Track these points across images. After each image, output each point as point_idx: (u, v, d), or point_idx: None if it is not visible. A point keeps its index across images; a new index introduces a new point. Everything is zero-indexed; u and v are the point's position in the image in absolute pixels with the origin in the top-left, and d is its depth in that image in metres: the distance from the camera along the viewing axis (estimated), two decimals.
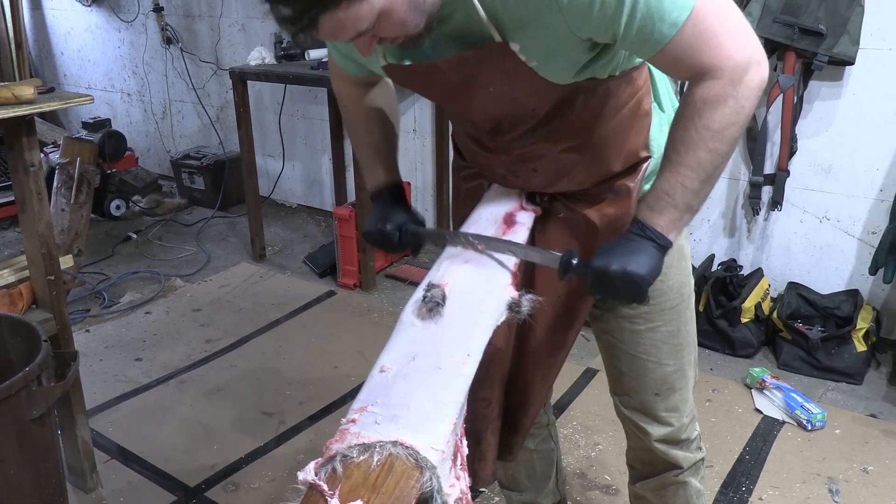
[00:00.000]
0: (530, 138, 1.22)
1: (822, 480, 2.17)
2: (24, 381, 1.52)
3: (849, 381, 2.66)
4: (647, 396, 1.42)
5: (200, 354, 2.95)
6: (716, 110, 1.03)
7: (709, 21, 1.00)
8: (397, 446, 1.04)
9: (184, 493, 2.18)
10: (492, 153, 1.29)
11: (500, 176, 1.34)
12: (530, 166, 1.27)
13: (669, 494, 1.52)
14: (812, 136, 2.80)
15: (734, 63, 1.01)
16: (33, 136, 1.86)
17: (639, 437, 1.48)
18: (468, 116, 1.26)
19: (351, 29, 0.97)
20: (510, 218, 1.32)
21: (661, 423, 1.44)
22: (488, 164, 1.34)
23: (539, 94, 1.14)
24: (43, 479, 1.64)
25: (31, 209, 1.90)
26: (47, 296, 1.99)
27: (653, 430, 1.45)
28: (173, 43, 4.71)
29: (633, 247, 1.09)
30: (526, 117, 1.19)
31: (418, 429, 1.06)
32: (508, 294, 1.22)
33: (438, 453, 1.05)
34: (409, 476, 1.04)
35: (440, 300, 1.16)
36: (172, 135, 5.10)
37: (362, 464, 1.04)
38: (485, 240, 1.26)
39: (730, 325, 2.83)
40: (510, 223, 1.31)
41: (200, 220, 4.42)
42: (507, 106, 1.18)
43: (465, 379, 1.13)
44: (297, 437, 2.42)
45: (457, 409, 1.11)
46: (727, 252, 3.10)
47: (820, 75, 2.68)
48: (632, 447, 1.56)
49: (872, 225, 2.77)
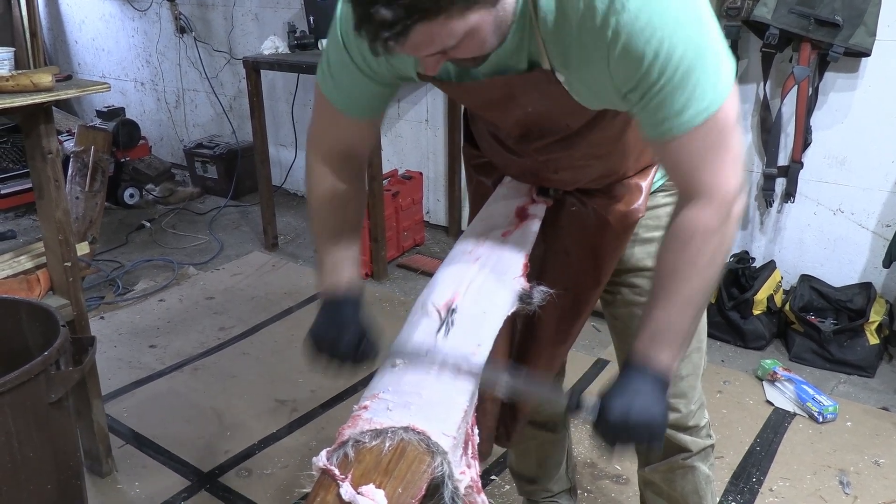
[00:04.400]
0: (556, 147, 1.23)
1: (833, 472, 2.17)
2: (43, 365, 1.54)
3: (861, 374, 2.65)
4: None
5: (214, 342, 2.97)
6: (705, 243, 1.04)
7: (715, 140, 1.01)
8: (409, 432, 1.05)
9: (197, 478, 2.21)
10: (515, 155, 1.30)
11: (517, 174, 1.35)
12: (551, 168, 1.28)
13: (678, 478, 1.53)
14: (827, 128, 2.79)
15: (727, 191, 1.03)
16: (51, 123, 1.87)
17: None
18: (500, 125, 1.26)
19: (437, 44, 0.92)
20: (522, 211, 1.32)
21: (680, 414, 1.45)
22: (508, 163, 1.35)
23: (575, 114, 1.15)
24: (61, 461, 1.66)
25: (49, 196, 1.92)
26: (64, 282, 2.01)
27: (677, 417, 1.45)
28: (187, 32, 4.73)
29: (644, 390, 1.07)
30: (558, 130, 1.20)
31: (430, 415, 1.07)
32: (519, 285, 1.23)
33: (450, 439, 1.06)
34: (420, 461, 1.05)
35: (453, 322, 1.17)
36: (185, 124, 5.12)
37: (374, 449, 1.05)
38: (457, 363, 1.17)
39: (741, 317, 2.82)
40: (523, 216, 1.31)
41: (213, 209, 4.45)
42: (541, 121, 1.19)
43: (476, 368, 1.14)
44: (309, 423, 2.44)
45: (468, 397, 1.12)
46: (740, 244, 3.09)
47: (835, 67, 2.66)
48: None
49: (887, 218, 2.75)
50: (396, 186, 3.67)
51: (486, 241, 1.29)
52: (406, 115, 3.91)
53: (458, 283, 1.22)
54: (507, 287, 1.21)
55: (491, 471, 2.17)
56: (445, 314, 1.18)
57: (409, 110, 3.89)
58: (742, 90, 2.89)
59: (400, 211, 3.66)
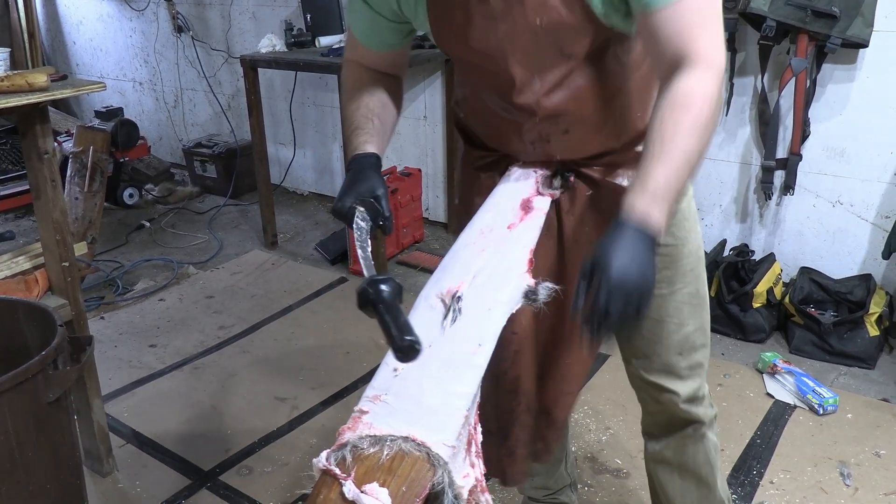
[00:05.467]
0: (561, 91, 1.22)
1: (834, 464, 2.17)
2: (41, 365, 1.54)
3: (861, 366, 2.65)
4: (671, 357, 1.44)
5: (214, 341, 2.98)
6: (706, 107, 1.06)
7: (705, 12, 1.07)
8: (408, 442, 1.04)
9: (198, 476, 2.21)
10: (520, 113, 1.26)
11: (529, 143, 1.31)
12: (561, 127, 1.26)
13: (690, 451, 1.54)
14: (825, 120, 2.78)
15: (721, 60, 1.08)
16: (47, 123, 1.87)
17: (659, 401, 1.49)
18: (501, 68, 1.22)
19: None
20: (527, 204, 1.30)
21: (685, 381, 1.46)
22: (515, 131, 1.31)
23: (579, 34, 1.15)
24: (60, 461, 1.67)
25: (46, 196, 1.92)
26: (62, 282, 2.01)
27: (680, 388, 1.46)
28: (184, 31, 4.72)
29: (641, 249, 1.02)
30: (561, 64, 1.19)
31: (430, 425, 1.06)
32: (525, 282, 1.21)
33: (449, 449, 1.05)
34: (422, 464, 1.04)
35: (460, 310, 1.16)
36: (184, 123, 5.12)
37: (372, 456, 1.05)
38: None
39: (741, 310, 2.82)
40: (527, 209, 1.29)
41: (213, 208, 4.45)
42: (545, 49, 1.18)
43: (477, 369, 1.12)
44: (309, 421, 2.44)
45: (468, 401, 1.11)
46: (739, 237, 3.09)
47: (833, 58, 2.66)
48: (650, 413, 1.56)
49: (886, 209, 2.75)
50: (395, 183, 3.66)
51: (490, 233, 1.27)
52: (404, 112, 3.91)
53: (463, 273, 1.20)
54: (511, 283, 1.20)
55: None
56: (451, 301, 1.16)
57: (408, 107, 3.89)
58: (740, 83, 2.89)
59: (399, 208, 3.65)
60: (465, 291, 1.17)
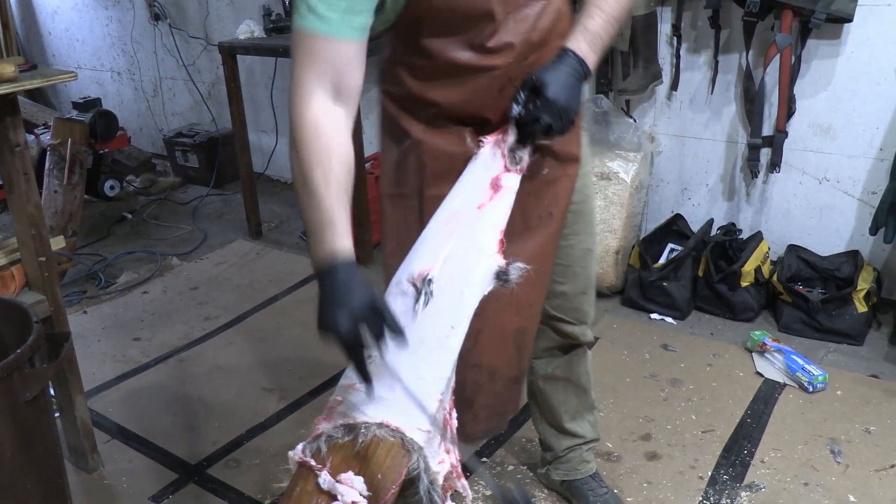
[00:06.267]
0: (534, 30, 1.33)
1: (824, 441, 2.17)
2: (16, 364, 1.50)
3: (850, 343, 2.65)
4: (577, 296, 1.70)
5: (199, 332, 2.94)
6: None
7: None
8: (383, 428, 1.04)
9: (185, 470, 2.18)
10: (495, 56, 1.32)
11: (498, 91, 1.34)
12: (525, 68, 1.33)
13: (577, 368, 1.82)
14: (810, 97, 2.76)
15: None
16: (17, 115, 1.83)
17: (562, 332, 1.73)
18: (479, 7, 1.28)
19: None
20: (496, 182, 1.30)
21: (587, 314, 1.74)
22: (485, 80, 1.34)
23: None
24: (40, 460, 1.63)
25: (19, 190, 1.88)
26: (39, 277, 1.97)
27: (584, 319, 1.73)
28: (161, 19, 4.64)
29: (576, 80, 1.29)
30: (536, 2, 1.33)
31: (404, 410, 1.05)
32: (496, 263, 1.20)
33: (424, 434, 1.04)
34: (397, 451, 1.03)
35: (432, 293, 1.14)
36: (164, 113, 5.04)
37: (347, 445, 1.04)
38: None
39: (729, 289, 2.81)
40: (496, 187, 1.29)
41: (195, 199, 4.39)
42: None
43: (451, 352, 1.11)
44: (297, 412, 2.42)
45: (443, 384, 1.10)
46: (726, 216, 3.08)
47: (818, 34, 2.63)
48: (548, 341, 1.76)
49: (872, 185, 2.74)
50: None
51: (460, 214, 1.27)
52: None
53: (433, 256, 1.19)
54: (482, 265, 1.19)
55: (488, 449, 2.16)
56: (422, 285, 1.15)
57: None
58: (724, 60, 2.86)
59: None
60: (435, 275, 1.16)
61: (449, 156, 1.39)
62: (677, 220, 3.10)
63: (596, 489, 1.92)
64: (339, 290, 1.07)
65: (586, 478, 1.93)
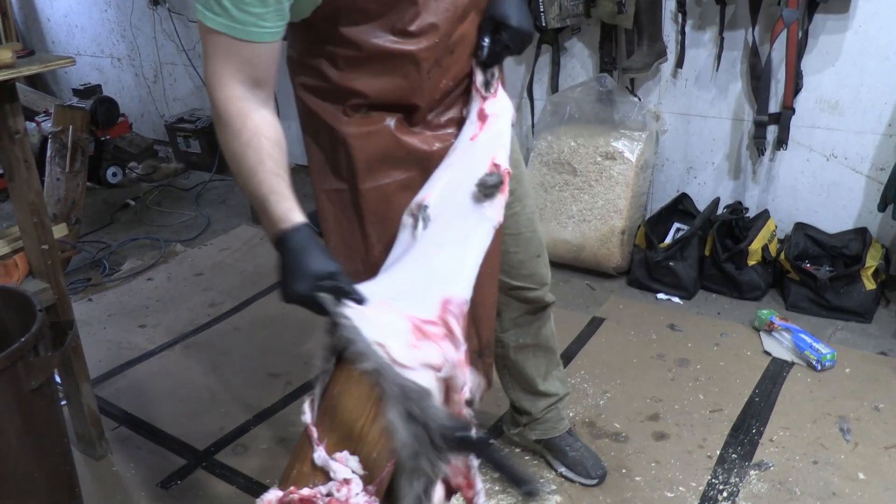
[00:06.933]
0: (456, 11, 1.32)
1: (833, 420, 2.16)
2: (20, 353, 1.50)
3: (858, 320, 2.63)
4: (532, 261, 1.74)
5: (204, 319, 2.94)
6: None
7: None
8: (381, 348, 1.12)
9: (193, 456, 2.18)
10: (420, 38, 1.30)
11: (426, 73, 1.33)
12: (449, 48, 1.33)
13: (543, 331, 1.87)
14: (818, 72, 2.73)
15: None
16: (16, 102, 1.81)
17: (526, 299, 1.78)
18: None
19: None
20: (482, 113, 1.38)
21: (544, 276, 1.79)
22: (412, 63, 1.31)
23: None
24: (47, 448, 1.63)
25: (20, 177, 1.86)
26: (42, 265, 1.96)
27: (543, 281, 1.78)
28: (160, 4, 4.60)
29: (523, 5, 1.39)
30: None
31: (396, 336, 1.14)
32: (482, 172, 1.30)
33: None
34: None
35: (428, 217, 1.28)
36: (165, 98, 5.01)
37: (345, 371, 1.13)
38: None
39: (737, 268, 2.79)
40: (483, 117, 1.37)
41: (198, 184, 4.38)
42: None
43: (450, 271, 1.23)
44: (304, 396, 2.41)
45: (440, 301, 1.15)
46: (732, 194, 3.05)
47: (825, 8, 2.59)
48: (513, 311, 1.81)
49: (881, 161, 2.71)
50: None
51: (456, 148, 1.37)
52: None
53: (431, 186, 1.32)
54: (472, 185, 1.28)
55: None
56: (418, 211, 1.28)
57: None
58: (730, 36, 2.82)
59: None
60: (431, 201, 1.29)
61: (379, 147, 1.35)
62: (683, 200, 3.07)
63: (573, 444, 2.00)
64: (294, 258, 1.15)
65: (563, 434, 2.01)
